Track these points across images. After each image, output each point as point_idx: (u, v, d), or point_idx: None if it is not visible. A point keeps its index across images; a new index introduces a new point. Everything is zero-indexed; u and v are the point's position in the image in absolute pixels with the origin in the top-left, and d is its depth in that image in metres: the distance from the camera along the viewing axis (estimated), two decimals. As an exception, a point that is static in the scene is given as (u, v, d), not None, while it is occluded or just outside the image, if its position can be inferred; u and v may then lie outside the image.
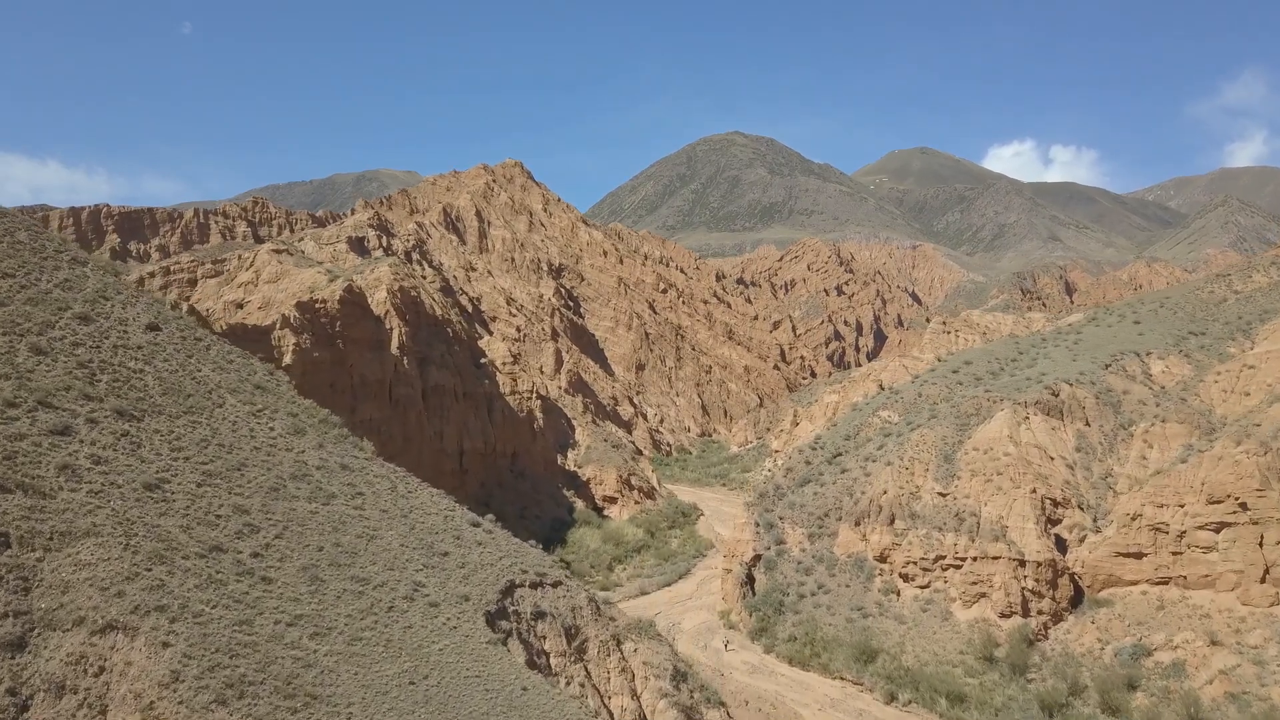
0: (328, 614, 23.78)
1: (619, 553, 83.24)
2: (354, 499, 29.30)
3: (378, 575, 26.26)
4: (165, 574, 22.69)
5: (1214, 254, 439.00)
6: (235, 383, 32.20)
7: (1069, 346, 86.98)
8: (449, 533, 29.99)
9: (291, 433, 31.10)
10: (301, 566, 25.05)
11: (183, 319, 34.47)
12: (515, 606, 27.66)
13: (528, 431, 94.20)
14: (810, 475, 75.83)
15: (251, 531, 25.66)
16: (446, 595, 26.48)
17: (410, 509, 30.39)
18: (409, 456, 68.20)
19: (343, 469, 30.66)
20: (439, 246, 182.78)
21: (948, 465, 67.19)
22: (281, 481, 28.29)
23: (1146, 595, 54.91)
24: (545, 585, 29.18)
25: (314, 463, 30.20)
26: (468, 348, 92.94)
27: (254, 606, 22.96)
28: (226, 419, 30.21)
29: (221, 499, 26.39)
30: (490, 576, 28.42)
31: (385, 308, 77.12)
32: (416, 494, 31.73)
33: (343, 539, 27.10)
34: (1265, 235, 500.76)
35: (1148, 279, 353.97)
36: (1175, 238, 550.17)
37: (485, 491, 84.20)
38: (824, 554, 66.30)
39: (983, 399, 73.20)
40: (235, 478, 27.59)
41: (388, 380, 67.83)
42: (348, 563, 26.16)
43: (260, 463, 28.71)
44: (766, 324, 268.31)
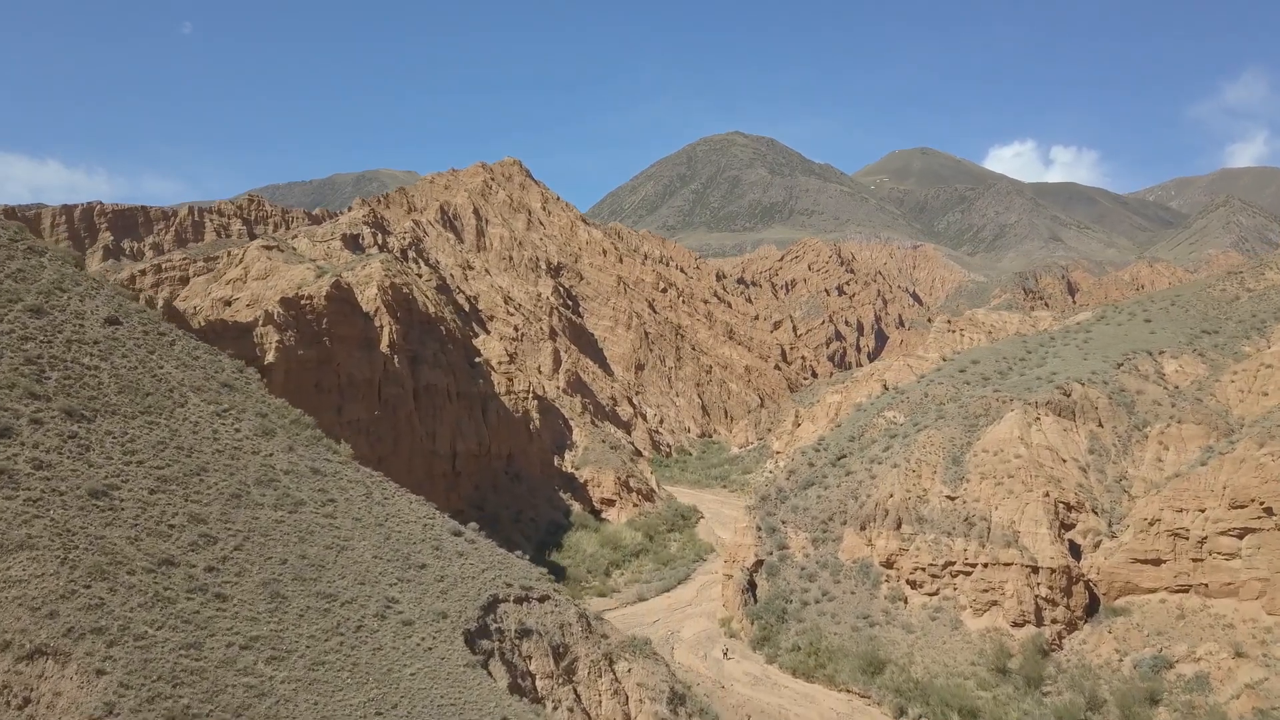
0: (288, 635, 21.51)
1: (617, 557, 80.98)
2: (324, 506, 27.05)
3: (347, 590, 24.00)
4: (106, 591, 20.45)
5: (1215, 254, 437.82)
6: (200, 381, 29.95)
7: (1079, 345, 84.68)
8: (428, 543, 27.75)
9: (259, 434, 28.85)
10: (261, 581, 22.79)
11: (146, 313, 32.22)
12: (498, 624, 25.42)
13: (523, 432, 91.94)
14: (813, 478, 73.55)
15: (208, 543, 23.40)
16: (422, 612, 24.22)
17: (386, 517, 28.15)
18: (399, 458, 65.99)
19: (314, 473, 28.41)
20: (436, 244, 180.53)
21: (956, 468, 64.92)
22: (245, 487, 26.04)
23: (1166, 604, 52.62)
24: (532, 600, 26.94)
25: (282, 467, 27.95)
26: (462, 346, 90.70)
27: (205, 627, 20.71)
28: (188, 420, 27.95)
29: (176, 507, 24.13)
30: (471, 591, 26.18)
31: (375, 305, 74.83)
32: (394, 500, 29.48)
33: (309, 550, 24.85)
34: (1267, 235, 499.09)
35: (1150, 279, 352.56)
36: (1176, 238, 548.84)
37: (479, 494, 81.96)
38: (828, 559, 64.02)
39: (991, 399, 70.92)
40: (193, 484, 25.34)
41: (377, 379, 65.59)
42: (314, 577, 23.90)
43: (222, 467, 26.46)
44: (767, 324, 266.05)
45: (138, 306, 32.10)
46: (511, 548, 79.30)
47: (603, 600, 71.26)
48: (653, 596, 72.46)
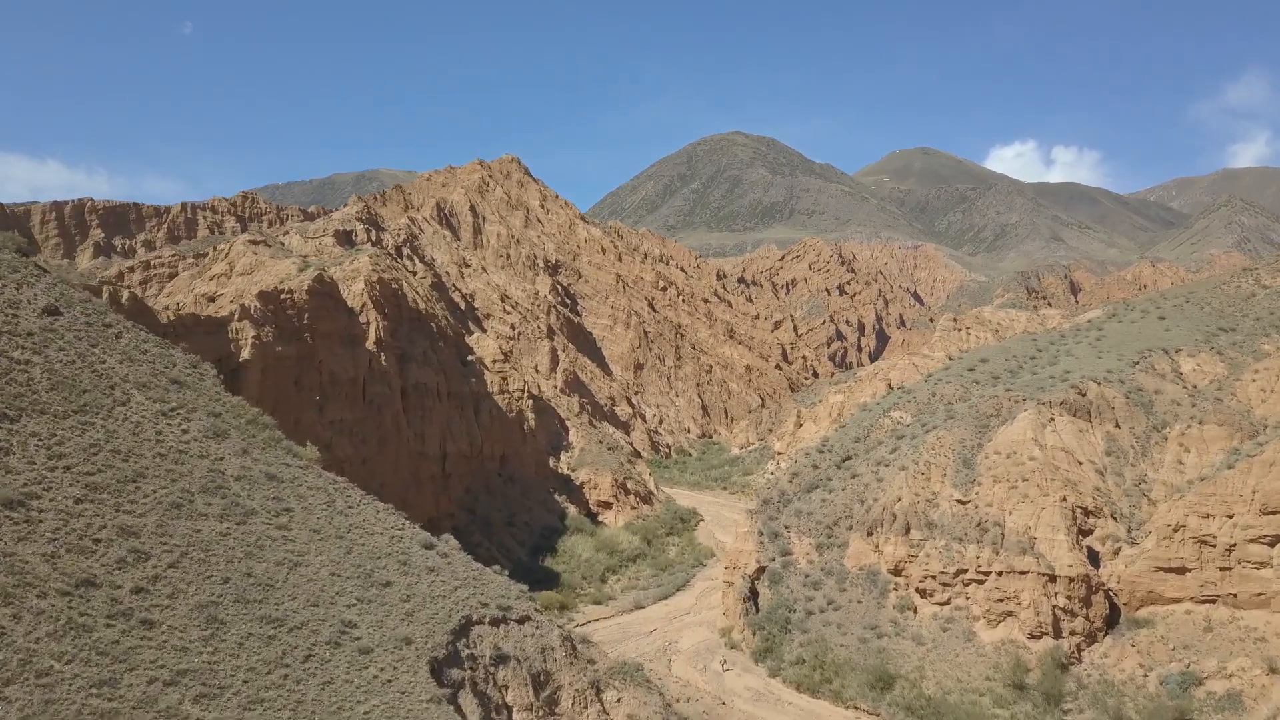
0: (223, 668, 18.65)
1: (613, 562, 78.15)
2: (278, 516, 24.21)
3: (297, 614, 21.16)
4: (9, 619, 17.62)
5: (1218, 254, 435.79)
6: (146, 377, 27.11)
7: (1091, 343, 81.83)
8: (394, 557, 24.92)
9: (209, 436, 26.02)
10: (197, 604, 19.95)
11: (91, 303, 29.40)
12: (471, 649, 22.61)
13: (517, 433, 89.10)
14: (817, 480, 70.69)
15: (138, 560, 20.54)
16: (383, 638, 21.39)
17: (349, 528, 25.32)
18: (384, 460, 63.19)
19: (269, 480, 25.56)
20: (432, 242, 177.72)
21: (967, 470, 62.08)
22: (187, 496, 23.19)
23: (1191, 615, 49.77)
24: (509, 621, 24.12)
25: (233, 472, 25.11)
26: (454, 344, 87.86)
27: (124, 660, 17.85)
28: (129, 420, 25.11)
29: (105, 519, 21.27)
30: (441, 612, 23.35)
31: (362, 300, 72.01)
32: (359, 510, 26.65)
33: (257, 567, 22.00)
34: (1269, 236, 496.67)
35: (1152, 279, 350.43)
36: (1178, 238, 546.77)
37: (471, 497, 79.14)
38: (833, 566, 61.17)
39: (1003, 399, 68.07)
40: (128, 491, 22.48)
41: (361, 377, 62.76)
42: (259, 598, 21.05)
43: (163, 473, 23.62)
44: (768, 323, 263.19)
45: (82, 296, 29.28)
46: (505, 552, 76.60)
47: (598, 608, 68.45)
48: (650, 604, 69.62)
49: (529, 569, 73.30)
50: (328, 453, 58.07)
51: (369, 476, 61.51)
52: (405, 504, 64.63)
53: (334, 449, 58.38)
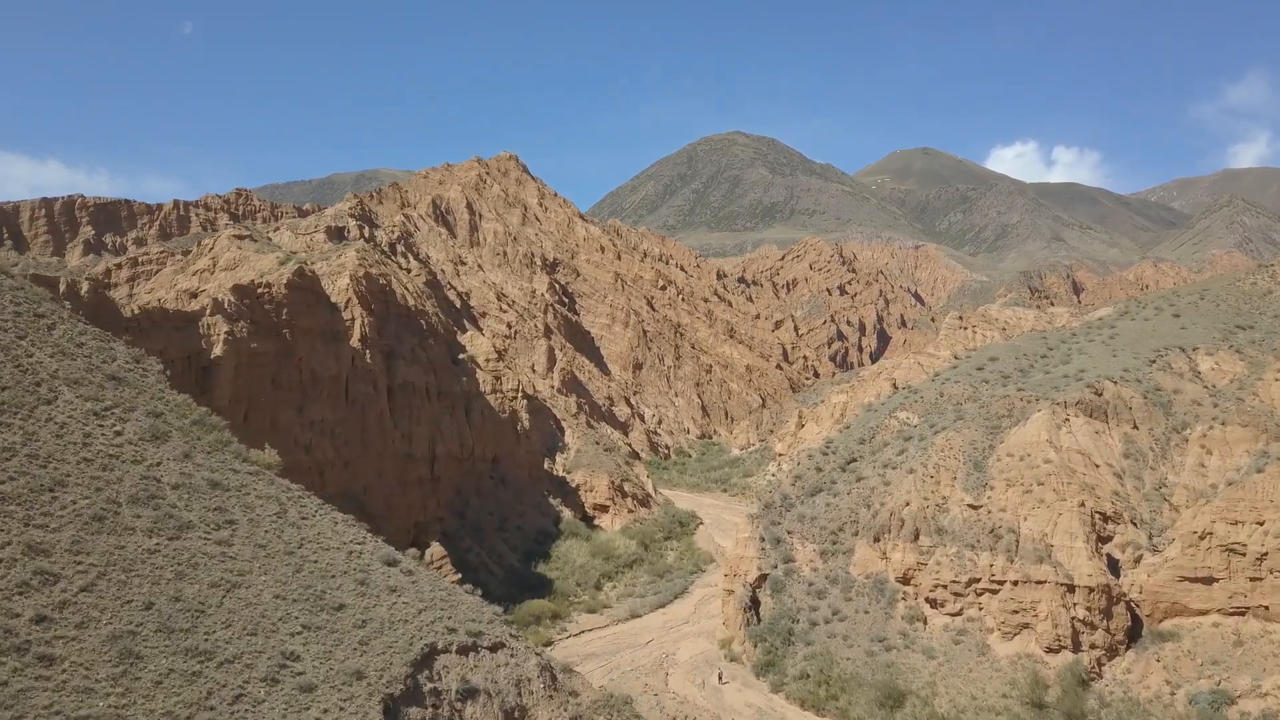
0: (132, 712, 15.80)
1: (609, 568, 75.27)
2: (218, 530, 21.38)
3: (230, 644, 18.31)
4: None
5: (1219, 255, 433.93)
6: (80, 373, 24.27)
7: (1105, 341, 78.99)
8: (351, 576, 22.10)
9: (146, 438, 23.19)
10: (110, 635, 17.09)
11: (25, 291, 26.56)
12: (434, 683, 19.79)
13: (510, 433, 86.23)
14: (821, 484, 67.83)
15: (45, 583, 17.69)
16: (330, 672, 18.55)
17: (300, 542, 22.50)
18: (368, 462, 60.38)
19: (212, 488, 22.73)
20: (427, 239, 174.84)
21: (978, 473, 59.23)
22: (113, 507, 20.34)
23: (1220, 628, 46.91)
24: (480, 649, 21.29)
25: (171, 479, 22.28)
26: (444, 342, 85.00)
27: (11, 706, 14.94)
28: (53, 420, 22.27)
29: (11, 534, 18.42)
30: (401, 639, 20.53)
31: (347, 296, 69.16)
32: (314, 521, 23.82)
33: (188, 590, 19.16)
34: (1270, 236, 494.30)
35: (1154, 279, 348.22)
36: (1180, 238, 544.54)
37: (461, 500, 76.28)
38: (838, 574, 58.29)
39: (1015, 399, 65.23)
40: (41, 502, 19.63)
41: (343, 376, 59.92)
42: (187, 627, 18.21)
43: (87, 480, 20.77)
44: (768, 323, 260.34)
45: (12, 284, 26.43)
46: (496, 557, 73.72)
47: (592, 617, 65.62)
48: (647, 613, 66.77)
49: (521, 575, 70.49)
50: (307, 454, 55.28)
51: (351, 479, 58.74)
52: (390, 508, 61.86)
53: (314, 450, 55.57)
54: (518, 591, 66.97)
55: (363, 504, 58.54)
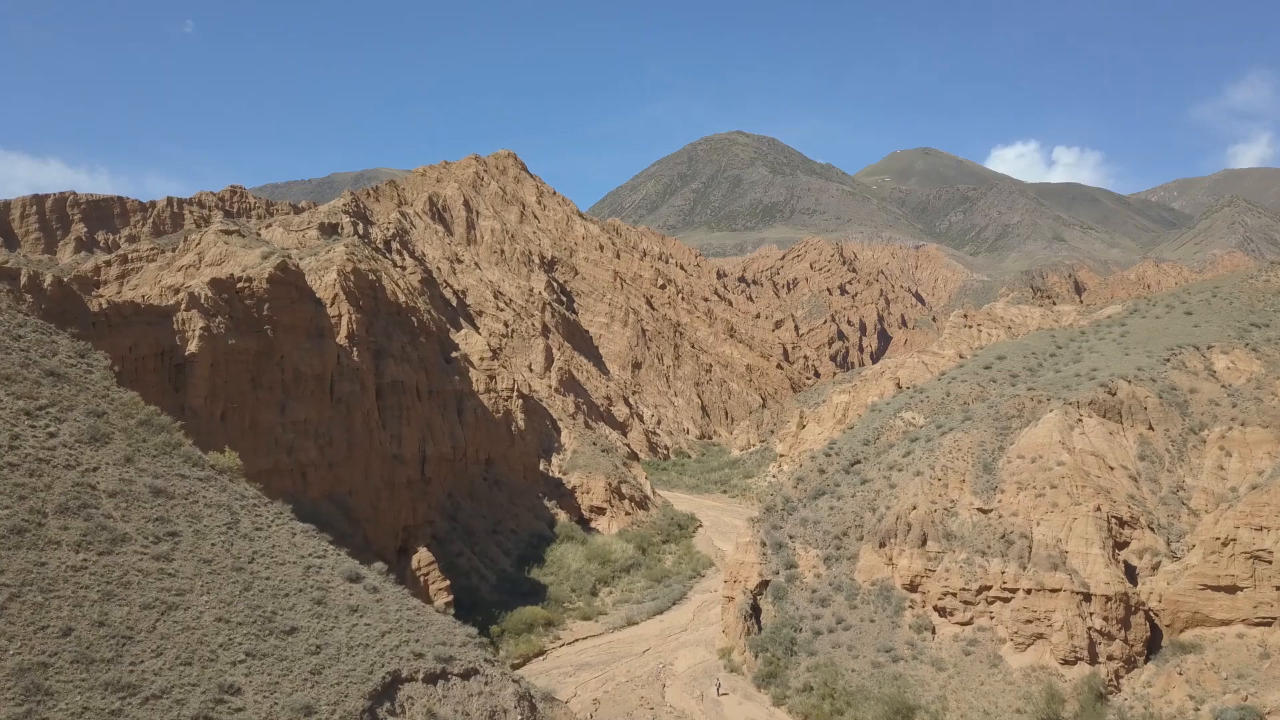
0: (34, 760, 13.48)
1: (605, 573, 73.03)
2: (158, 543, 19.13)
3: (159, 677, 16.04)
4: None
5: (1221, 255, 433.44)
6: (13, 368, 22.00)
7: (1115, 340, 76.73)
8: (307, 594, 19.85)
9: (84, 440, 20.93)
10: (18, 668, 14.82)
11: (-40, 278, 24.27)
12: (396, 717, 17.55)
13: (504, 434, 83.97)
14: (824, 486, 65.58)
15: (-54, 606, 15.35)
16: (274, 708, 16.31)
17: (252, 556, 20.25)
18: (354, 464, 58.11)
19: (155, 495, 20.47)
20: (423, 237, 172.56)
21: (988, 476, 56.97)
22: (36, 517, 18.08)
23: (1244, 640, 44.65)
24: (451, 676, 19.06)
25: (108, 486, 20.02)
26: (437, 340, 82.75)
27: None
28: (-23, 420, 19.95)
29: (-88, 549, 16.07)
30: (360, 667, 18.30)
31: (334, 292, 66.92)
32: (269, 532, 21.58)
33: (115, 612, 16.90)
34: (1272, 236, 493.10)
35: (1156, 279, 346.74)
36: (1181, 238, 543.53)
37: (452, 503, 74.03)
38: (843, 581, 56.02)
39: (1025, 398, 62.95)
40: (-47, 513, 17.30)
41: (328, 374, 57.64)
42: (109, 656, 15.95)
43: (9, 489, 18.52)
44: (768, 323, 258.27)
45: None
46: (488, 562, 71.47)
47: (587, 624, 63.35)
48: (644, 620, 64.51)
49: (514, 581, 68.25)
50: (289, 456, 53.03)
51: (336, 482, 56.50)
52: (377, 511, 59.58)
53: (297, 451, 53.31)
54: (510, 598, 64.76)
55: (348, 507, 56.34)
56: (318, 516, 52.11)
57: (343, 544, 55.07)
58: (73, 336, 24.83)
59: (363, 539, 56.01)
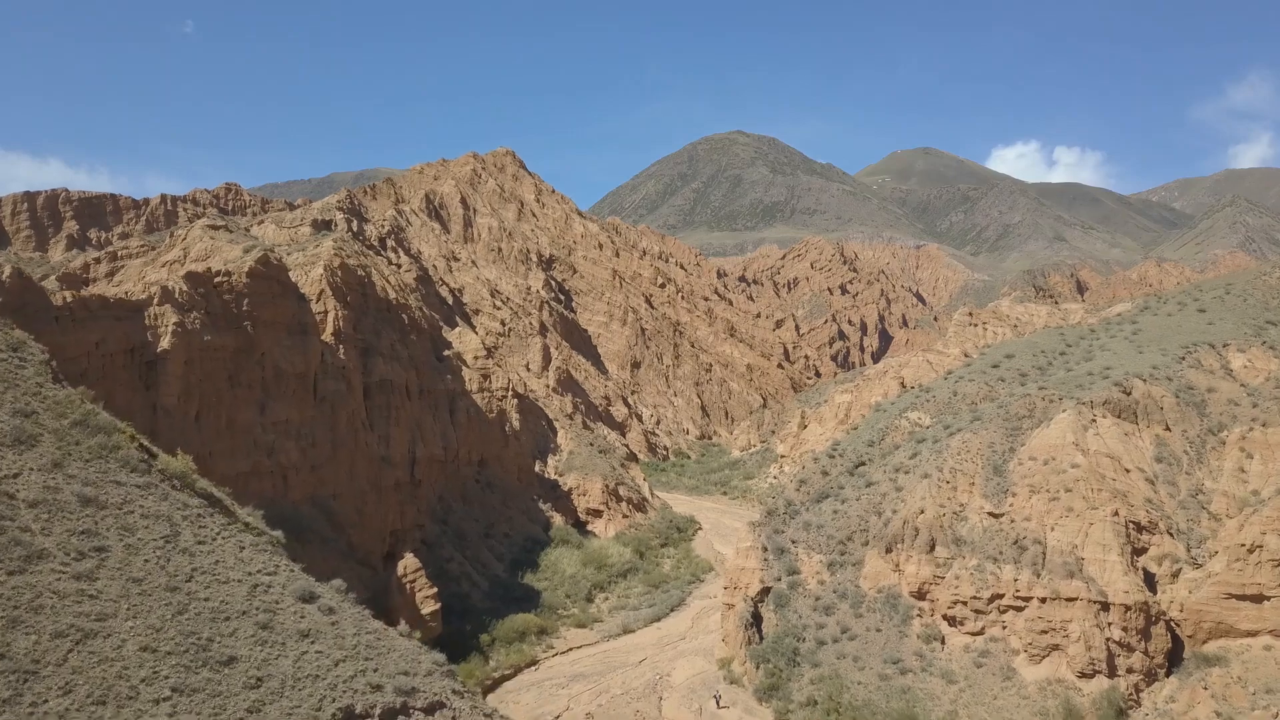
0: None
1: (601, 578, 70.74)
2: (81, 560, 16.86)
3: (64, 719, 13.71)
4: None
5: (1222, 255, 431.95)
6: (-68, 361, 19.67)
7: (1127, 338, 74.45)
8: (251, 617, 17.59)
9: (7, 443, 18.66)
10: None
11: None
12: (347, 760, 15.28)
13: (498, 435, 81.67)
14: (828, 489, 63.29)
15: None
16: (200, 753, 13.98)
17: (191, 573, 17.99)
18: (338, 465, 55.82)
19: (83, 505, 18.21)
20: (419, 234, 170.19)
21: (998, 478, 54.71)
22: (-62, 531, 15.73)
23: (1272, 652, 42.38)
24: (413, 711, 16.75)
25: (30, 495, 17.76)
26: (429, 338, 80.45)
27: None
28: (-118, 420, 17.63)
29: None
30: (307, 703, 16.03)
31: (320, 287, 64.63)
32: (213, 545, 19.29)
33: (20, 643, 14.61)
34: (1274, 236, 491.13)
35: (1158, 279, 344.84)
36: (1182, 238, 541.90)
37: (443, 506, 71.74)
38: (847, 588, 53.73)
39: (1036, 398, 60.67)
40: None
41: (312, 372, 55.34)
42: (7, 695, 13.64)
43: (-90, 497, 16.14)
44: (769, 322, 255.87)
45: None
46: (480, 567, 69.14)
47: (582, 632, 61.08)
48: (640, 627, 62.21)
49: (506, 586, 65.96)
50: (269, 458, 50.77)
51: (319, 485, 54.21)
52: (363, 515, 57.29)
53: (277, 453, 51.02)
54: (502, 604, 62.48)
55: (331, 512, 54.08)
56: (299, 521, 49.89)
57: (326, 550, 52.89)
58: (8, 331, 22.50)
59: (347, 544, 53.77)
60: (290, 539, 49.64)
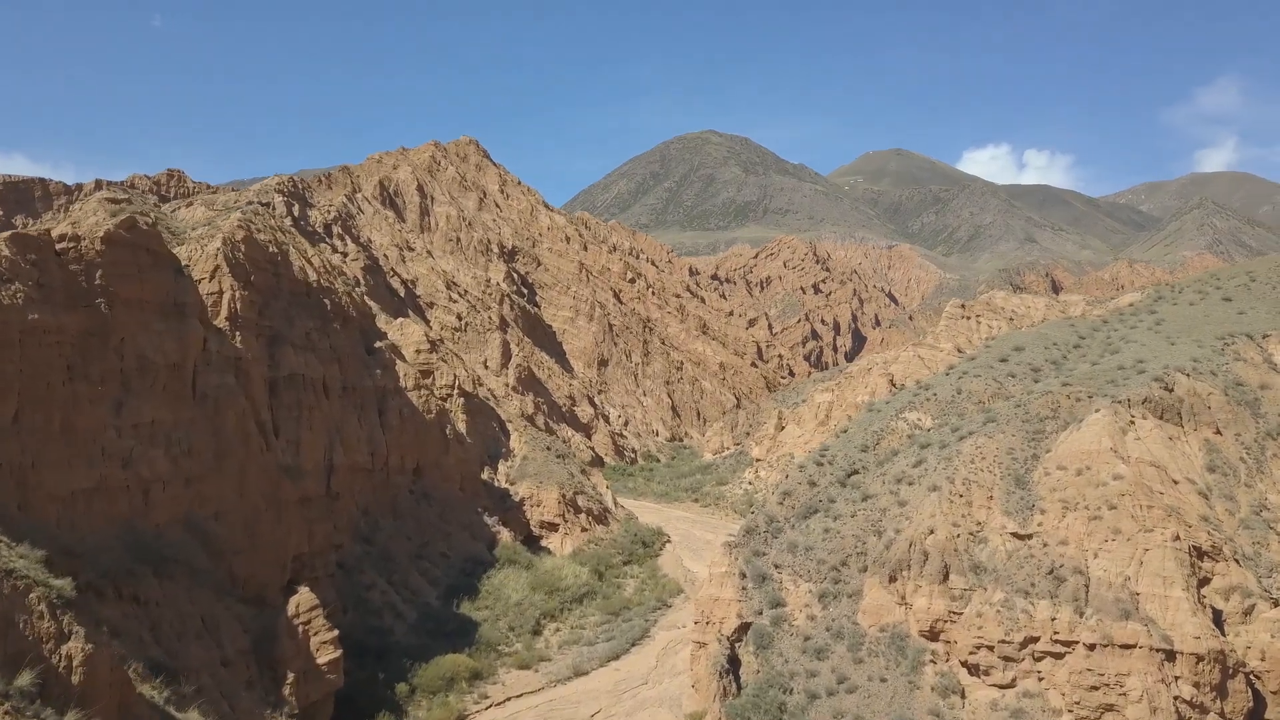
0: None
1: (552, 605, 60.87)
2: None
3: None
4: None
5: (1191, 256, 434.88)
6: None
7: (1150, 328, 66.14)
8: None
9: None
10: None
11: None
12: None
13: (438, 438, 71.44)
14: (816, 503, 53.93)
15: None
16: None
17: None
18: (223, 478, 45.32)
19: None
20: (371, 223, 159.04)
21: (1021, 491, 45.75)
22: None
23: (1385, 714, 33.68)
24: None
25: None
26: (357, 328, 70.04)
27: None
28: None
29: None
30: None
31: (215, 263, 54.16)
32: None
33: None
34: (1241, 239, 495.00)
35: (1130, 279, 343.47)
36: (1151, 240, 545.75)
37: (369, 522, 61.41)
38: (843, 625, 44.39)
39: (1060, 396, 51.82)
40: None
41: (190, 364, 44.90)
42: None
43: None
44: (742, 320, 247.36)
45: None
46: (409, 595, 58.53)
47: (525, 675, 51.11)
48: (595, 668, 52.36)
49: (438, 618, 55.82)
50: (125, 469, 40.25)
51: (196, 502, 43.71)
52: (255, 539, 46.79)
53: (136, 464, 40.56)
54: (432, 641, 52.39)
55: (209, 536, 43.59)
56: (159, 550, 39.46)
57: (196, 585, 42.26)
58: None
59: (228, 576, 43.36)
60: (146, 574, 39.23)
